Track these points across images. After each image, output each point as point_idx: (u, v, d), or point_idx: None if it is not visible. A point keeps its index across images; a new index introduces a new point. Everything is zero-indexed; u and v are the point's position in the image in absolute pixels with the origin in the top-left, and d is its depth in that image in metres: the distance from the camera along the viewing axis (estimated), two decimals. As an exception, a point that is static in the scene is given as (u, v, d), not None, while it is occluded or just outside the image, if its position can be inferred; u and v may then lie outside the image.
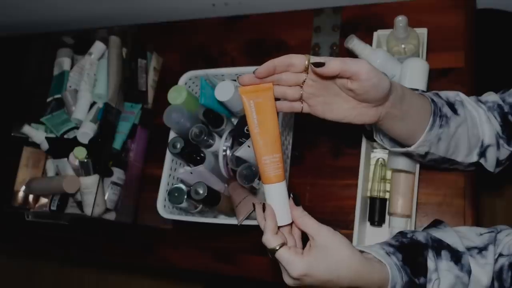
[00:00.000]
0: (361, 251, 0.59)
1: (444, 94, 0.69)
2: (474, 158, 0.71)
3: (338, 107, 0.61)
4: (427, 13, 0.98)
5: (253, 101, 0.57)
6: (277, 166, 0.58)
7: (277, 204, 0.59)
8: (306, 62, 0.58)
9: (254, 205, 0.62)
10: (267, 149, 0.58)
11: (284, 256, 0.56)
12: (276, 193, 0.59)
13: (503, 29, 1.10)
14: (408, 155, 0.74)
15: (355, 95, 0.59)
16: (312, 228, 0.58)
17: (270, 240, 0.57)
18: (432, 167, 0.79)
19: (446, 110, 0.66)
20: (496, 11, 1.09)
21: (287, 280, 0.58)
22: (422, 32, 0.91)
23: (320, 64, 0.55)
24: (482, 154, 0.71)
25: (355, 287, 0.57)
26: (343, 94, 0.60)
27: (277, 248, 0.56)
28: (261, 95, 0.58)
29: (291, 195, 0.60)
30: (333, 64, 0.55)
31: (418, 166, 0.85)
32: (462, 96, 0.70)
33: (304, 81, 0.60)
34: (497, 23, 1.11)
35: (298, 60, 0.58)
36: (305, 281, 0.56)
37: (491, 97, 0.72)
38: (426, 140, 0.65)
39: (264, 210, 0.59)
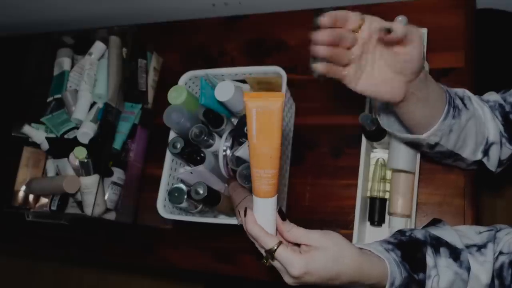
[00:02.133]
0: (360, 248, 0.59)
1: (453, 89, 0.70)
2: (478, 155, 0.71)
3: (375, 76, 0.59)
4: (427, 13, 0.98)
5: (255, 109, 0.51)
6: (267, 182, 0.54)
7: (262, 217, 0.57)
8: (360, 21, 0.56)
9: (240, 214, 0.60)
10: (260, 163, 0.53)
11: (283, 255, 0.55)
12: (262, 207, 0.57)
13: (503, 29, 1.10)
14: (415, 145, 0.74)
15: (398, 62, 0.57)
16: (302, 237, 0.57)
17: (266, 240, 0.56)
18: (433, 163, 0.79)
19: (458, 102, 0.67)
20: (496, 11, 1.09)
21: (288, 279, 0.57)
22: (422, 32, 0.91)
23: (389, 31, 0.54)
24: (486, 152, 0.71)
25: (355, 282, 0.57)
26: (382, 63, 0.59)
27: (275, 247, 0.55)
28: (266, 104, 0.51)
29: (278, 209, 0.58)
30: (399, 31, 0.54)
31: (418, 166, 0.85)
32: (468, 93, 0.71)
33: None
34: (497, 23, 1.11)
35: (354, 16, 0.57)
36: (306, 279, 0.56)
37: (492, 96, 0.72)
38: (439, 130, 0.65)
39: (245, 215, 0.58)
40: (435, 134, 0.66)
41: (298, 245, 0.58)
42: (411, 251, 0.61)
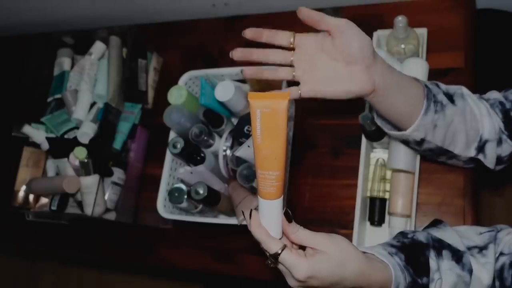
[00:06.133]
0: (363, 252, 0.59)
1: (445, 86, 0.70)
2: (472, 152, 0.71)
3: (333, 77, 0.63)
4: (427, 13, 0.98)
5: (260, 110, 0.49)
6: (271, 184, 0.53)
7: (267, 219, 0.56)
8: (292, 39, 0.61)
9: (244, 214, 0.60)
10: (264, 164, 0.52)
11: (288, 260, 0.54)
12: (267, 209, 0.55)
13: (503, 29, 1.10)
14: (405, 142, 0.74)
15: (342, 53, 0.61)
16: (308, 240, 0.56)
17: (270, 245, 0.55)
18: (433, 163, 0.78)
19: (442, 97, 0.67)
20: (496, 11, 1.09)
21: (292, 282, 0.56)
22: (422, 32, 0.91)
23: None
24: (481, 149, 0.71)
25: (359, 287, 0.57)
26: (333, 63, 0.62)
27: (279, 252, 0.54)
28: (271, 105, 0.49)
29: (284, 211, 0.56)
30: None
31: (418, 166, 0.85)
32: (464, 90, 0.71)
33: (292, 61, 0.63)
34: (497, 23, 1.11)
35: (284, 36, 0.63)
36: (310, 283, 0.55)
37: (493, 94, 0.73)
38: (421, 125, 0.65)
39: (250, 216, 0.57)
40: (418, 130, 0.66)
41: (304, 247, 0.58)
42: (414, 254, 0.61)
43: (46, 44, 1.25)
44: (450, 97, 0.68)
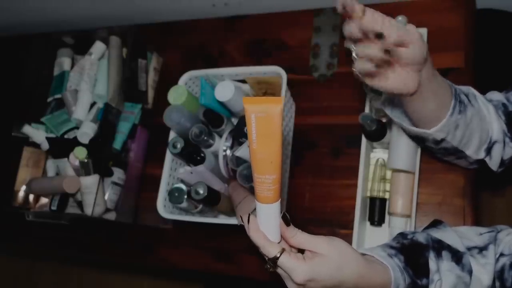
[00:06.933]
0: (363, 254, 0.59)
1: (456, 86, 0.69)
2: (481, 154, 0.71)
3: (388, 77, 0.60)
4: (427, 13, 0.98)
5: (254, 114, 0.50)
6: (268, 188, 0.53)
7: (265, 223, 0.56)
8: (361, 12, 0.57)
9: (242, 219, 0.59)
10: (261, 168, 0.52)
11: (286, 263, 0.54)
12: (265, 213, 0.55)
13: (503, 29, 1.10)
14: (420, 139, 0.73)
15: (403, 59, 0.58)
16: (307, 243, 0.56)
17: (268, 249, 0.55)
18: (433, 163, 0.78)
19: (464, 98, 0.66)
20: (496, 11, 1.09)
21: (291, 286, 0.56)
22: (422, 32, 0.91)
23: (381, 36, 0.56)
24: (489, 150, 0.71)
25: None
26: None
27: (278, 255, 0.54)
28: (266, 109, 0.49)
29: (282, 215, 0.56)
30: (392, 39, 0.56)
31: (418, 166, 0.85)
32: (473, 90, 0.71)
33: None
34: (497, 23, 1.11)
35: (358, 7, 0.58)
36: (309, 286, 0.55)
37: (495, 96, 0.72)
38: (446, 125, 0.65)
39: (248, 221, 0.56)
40: (442, 130, 0.66)
41: (303, 250, 0.57)
42: (413, 255, 0.61)
43: (46, 44, 1.25)
44: (467, 97, 0.68)
